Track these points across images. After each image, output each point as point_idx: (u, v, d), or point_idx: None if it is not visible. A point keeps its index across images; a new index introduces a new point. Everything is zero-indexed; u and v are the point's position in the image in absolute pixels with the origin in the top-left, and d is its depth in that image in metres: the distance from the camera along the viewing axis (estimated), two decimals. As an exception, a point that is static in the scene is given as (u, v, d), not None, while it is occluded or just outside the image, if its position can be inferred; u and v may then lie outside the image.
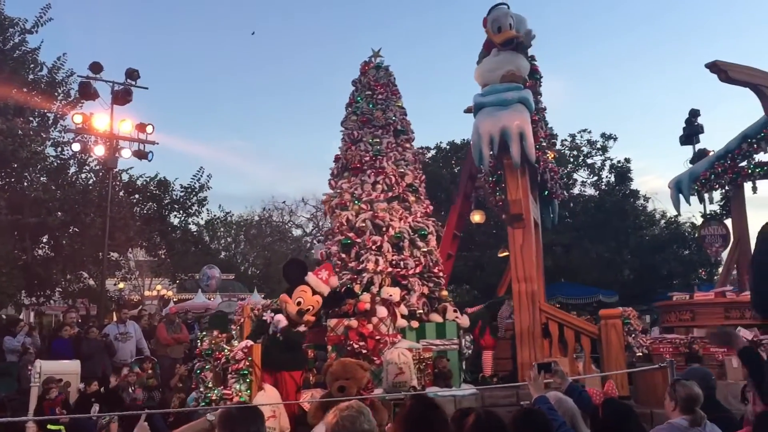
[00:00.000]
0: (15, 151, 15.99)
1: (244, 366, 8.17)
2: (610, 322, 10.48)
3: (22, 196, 16.77)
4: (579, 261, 24.12)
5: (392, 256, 9.36)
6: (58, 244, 17.92)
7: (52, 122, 18.50)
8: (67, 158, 18.61)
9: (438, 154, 27.41)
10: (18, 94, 16.84)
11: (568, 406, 4.18)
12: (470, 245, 24.27)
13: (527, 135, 9.70)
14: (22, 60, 17.68)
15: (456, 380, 9.19)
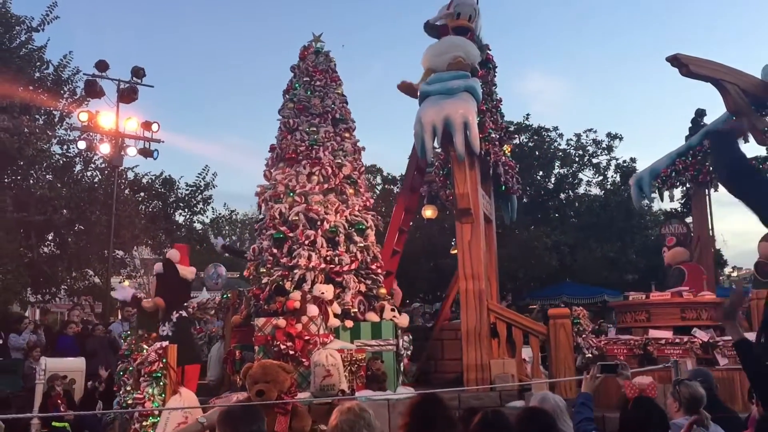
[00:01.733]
0: (21, 148, 16.10)
1: (158, 368, 7.62)
2: (559, 322, 10.03)
3: (28, 193, 16.89)
4: (584, 261, 23.87)
5: (326, 252, 8.82)
6: (63, 241, 17.86)
7: (58, 120, 18.44)
8: (72, 156, 18.67)
9: None
10: (24, 92, 16.79)
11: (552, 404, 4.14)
12: None
13: (471, 125, 9.22)
14: (29, 58, 17.75)
15: (392, 383, 8.69)
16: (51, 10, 17.74)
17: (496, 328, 10.50)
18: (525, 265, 23.03)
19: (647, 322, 11.82)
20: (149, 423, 7.46)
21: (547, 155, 26.75)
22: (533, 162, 26.58)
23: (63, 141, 18.47)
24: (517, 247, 22.84)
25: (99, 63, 16.30)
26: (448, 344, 11.91)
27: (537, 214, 26.44)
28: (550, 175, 27.41)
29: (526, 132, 27.32)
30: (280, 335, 8.18)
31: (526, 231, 24.00)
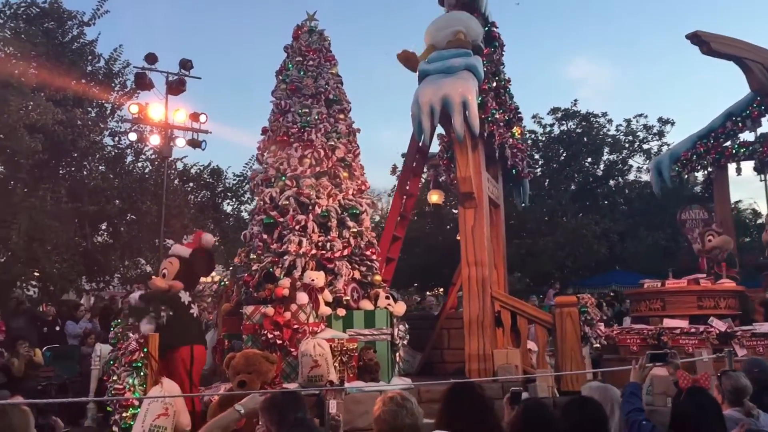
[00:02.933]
0: (74, 140, 16.56)
1: (138, 358, 7.37)
2: (566, 311, 9.58)
3: (81, 184, 17.35)
4: (634, 249, 23.44)
5: (318, 237, 8.48)
6: (116, 231, 18.34)
7: (110, 112, 18.87)
8: (124, 147, 19.17)
9: None
10: (77, 85, 17.27)
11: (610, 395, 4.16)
12: (521, 232, 23.73)
13: (471, 105, 8.79)
14: (81, 52, 18.17)
15: (385, 373, 8.34)
16: (101, 4, 18.20)
17: (500, 316, 10.14)
18: (573, 253, 22.61)
19: (662, 310, 11.36)
20: (129, 414, 7.22)
21: (595, 141, 26.19)
22: (581, 148, 26.10)
23: (114, 133, 19.05)
24: (565, 234, 22.46)
25: (148, 56, 16.54)
26: (455, 333, 11.53)
27: (585, 201, 25.99)
28: (599, 162, 26.90)
29: (574, 118, 26.75)
30: (267, 324, 7.88)
31: (574, 218, 23.57)
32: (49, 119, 15.57)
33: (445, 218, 25.10)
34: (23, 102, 15.33)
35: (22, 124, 15.18)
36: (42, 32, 17.70)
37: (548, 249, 22.39)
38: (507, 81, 12.00)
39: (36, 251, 15.28)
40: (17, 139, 15.10)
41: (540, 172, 26.48)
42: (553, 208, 24.39)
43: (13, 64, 15.94)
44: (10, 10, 17.82)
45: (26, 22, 17.89)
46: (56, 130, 15.97)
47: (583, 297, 9.86)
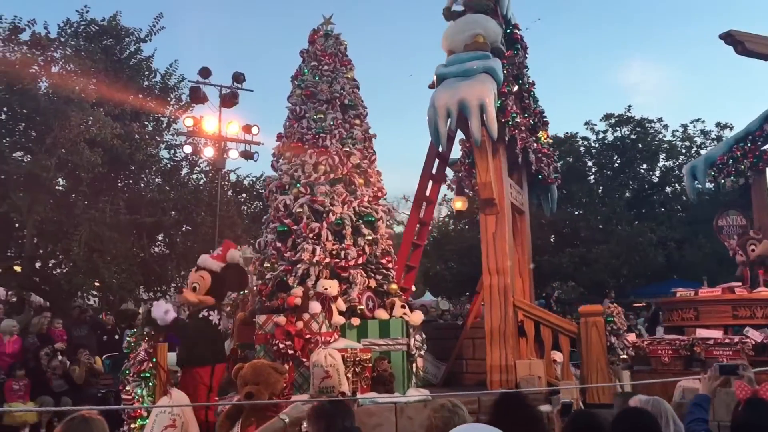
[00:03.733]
0: (132, 154, 17.21)
1: (147, 368, 7.26)
2: (591, 320, 9.26)
3: (139, 196, 18.16)
4: (693, 257, 22.86)
5: (332, 246, 8.30)
6: (172, 241, 18.94)
7: (166, 126, 19.68)
8: (179, 160, 19.87)
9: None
10: (134, 100, 18.00)
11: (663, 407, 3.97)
12: (575, 241, 23.45)
13: (488, 108, 8.54)
14: (138, 68, 18.91)
15: (400, 385, 8.11)
16: (157, 21, 18.92)
17: (524, 326, 9.84)
18: (629, 261, 22.18)
19: (695, 320, 10.90)
20: (137, 426, 7.11)
21: (650, 148, 25.70)
22: (636, 155, 25.64)
23: (170, 146, 19.90)
24: (620, 243, 22.03)
25: (202, 70, 17.19)
26: (480, 343, 11.23)
27: (641, 208, 25.52)
28: (655, 168, 26.42)
29: (628, 124, 26.29)
30: (279, 333, 7.72)
31: (629, 226, 23.12)
32: (108, 133, 16.17)
33: None
34: (83, 117, 15.98)
35: (83, 138, 15.84)
36: (101, 49, 18.39)
37: (603, 257, 22.00)
38: (531, 84, 11.71)
39: (96, 262, 15.86)
40: (78, 153, 15.71)
41: (593, 180, 26.03)
42: (608, 216, 23.97)
43: (74, 80, 16.44)
44: (71, 29, 18.53)
45: (86, 39, 18.58)
46: (115, 144, 16.54)
47: (609, 306, 9.47)
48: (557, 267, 22.88)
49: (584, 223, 23.47)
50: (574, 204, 25.52)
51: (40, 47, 16.94)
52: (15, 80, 15.87)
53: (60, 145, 15.96)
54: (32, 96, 16.14)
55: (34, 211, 15.92)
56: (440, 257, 26.56)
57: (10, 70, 15.95)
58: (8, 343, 11.06)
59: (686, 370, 10.24)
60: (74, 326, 12.97)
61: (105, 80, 17.30)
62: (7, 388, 10.00)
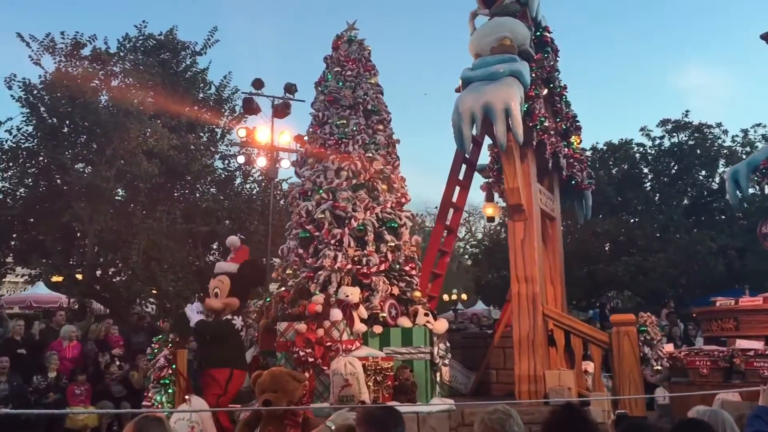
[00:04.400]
0: (188, 164, 17.91)
1: (167, 374, 7.26)
2: (623, 330, 8.94)
3: (194, 206, 18.77)
4: (755, 266, 21.93)
5: (354, 252, 8.20)
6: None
7: (220, 137, 20.55)
8: (233, 170, 20.55)
9: (595, 155, 26.23)
10: (190, 111, 18.74)
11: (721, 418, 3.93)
12: (631, 249, 23.08)
13: (513, 112, 8.34)
14: (193, 80, 19.75)
15: (423, 394, 7.94)
16: (212, 34, 19.65)
17: (553, 335, 9.59)
18: (687, 270, 21.58)
19: (735, 330, 10.48)
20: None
21: (709, 153, 24.99)
22: (694, 161, 24.97)
23: (224, 156, 20.64)
24: (678, 251, 21.53)
25: (255, 81, 17.47)
26: (510, 353, 10.97)
27: (700, 216, 24.89)
28: (714, 175, 25.61)
29: (686, 130, 25.60)
30: (299, 341, 7.64)
31: (687, 234, 22.59)
32: (165, 144, 16.79)
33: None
34: (142, 129, 16.69)
35: (141, 150, 16.49)
36: (158, 63, 19.12)
37: (660, 266, 21.46)
38: (563, 88, 11.46)
39: (154, 270, 16.41)
40: (136, 164, 16.35)
41: (649, 187, 25.50)
42: (665, 224, 23.40)
43: (133, 93, 17.21)
44: (129, 44, 19.45)
45: (144, 54, 19.39)
46: (171, 154, 17.15)
47: (642, 315, 9.16)
48: (612, 276, 22.44)
49: (640, 231, 22.92)
50: (630, 212, 25.01)
51: (101, 62, 17.82)
52: (77, 94, 16.66)
53: (119, 157, 16.69)
54: (93, 109, 16.86)
55: (94, 221, 16.52)
56: (492, 266, 26.33)
57: (72, 84, 16.80)
58: (68, 348, 11.36)
59: (725, 382, 9.84)
60: (133, 333, 13.21)
61: (162, 93, 18.01)
62: (70, 393, 10.32)
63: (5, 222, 17.54)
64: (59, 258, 17.44)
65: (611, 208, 24.72)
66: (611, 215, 24.18)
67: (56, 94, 17.14)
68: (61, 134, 17.76)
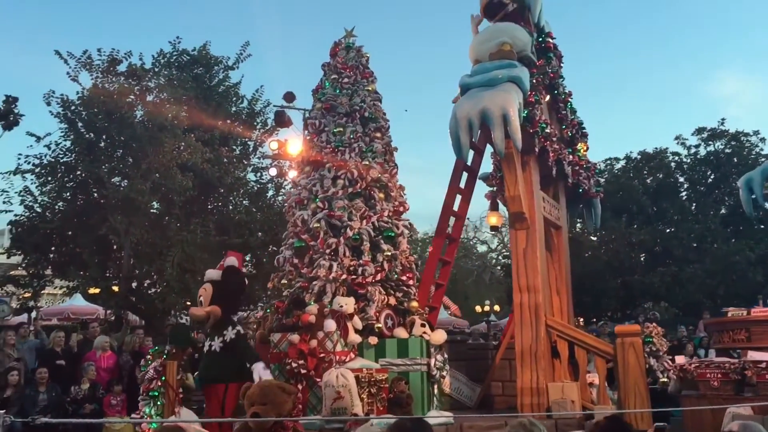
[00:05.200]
0: (221, 177, 18.13)
1: (156, 387, 7.14)
2: (628, 341, 8.67)
3: (227, 218, 18.97)
4: None
5: (350, 262, 8.06)
6: (258, 262, 19.53)
7: (252, 149, 20.72)
8: (265, 182, 20.60)
9: (628, 165, 25.99)
10: (223, 125, 19.14)
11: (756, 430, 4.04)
12: (668, 259, 22.82)
13: (511, 118, 8.17)
14: (226, 94, 20.12)
15: (419, 407, 7.75)
16: (244, 49, 20.07)
17: (557, 347, 9.36)
18: (725, 281, 21.24)
19: (747, 342, 10.17)
20: (145, 445, 7.00)
21: (747, 162, 24.54)
22: (731, 170, 24.58)
23: (257, 169, 20.62)
24: (716, 261, 21.18)
25: (286, 94, 17.48)
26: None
27: (738, 225, 24.50)
28: None
29: (722, 138, 25.28)
30: (292, 352, 7.50)
31: (725, 244, 22.23)
32: (199, 158, 17.06)
33: (583, 246, 24.35)
34: (176, 143, 17.01)
35: (175, 163, 16.75)
36: (192, 78, 19.49)
37: (697, 277, 21.15)
38: (568, 95, 11.27)
39: (188, 282, 16.46)
40: (171, 177, 16.63)
41: (685, 196, 25.17)
42: (702, 234, 23.07)
43: (167, 108, 17.49)
44: (164, 59, 19.83)
45: (178, 69, 19.78)
46: (205, 167, 17.39)
47: (647, 326, 8.90)
48: (648, 287, 22.16)
49: (677, 241, 22.60)
50: (666, 221, 24.68)
51: (136, 78, 18.16)
52: (113, 109, 17.04)
53: (154, 170, 16.93)
54: (129, 124, 17.25)
55: (130, 234, 16.82)
56: None
57: (108, 99, 17.17)
58: (102, 358, 11.44)
59: (737, 395, 9.54)
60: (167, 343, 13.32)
61: (195, 107, 18.30)
62: (106, 403, 10.36)
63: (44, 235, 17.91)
64: (96, 270, 17.71)
65: (646, 217, 24.43)
66: (646, 225, 23.89)
67: (93, 110, 17.57)
68: (98, 149, 18.16)
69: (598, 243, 24.89)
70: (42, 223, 17.76)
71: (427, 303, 9.64)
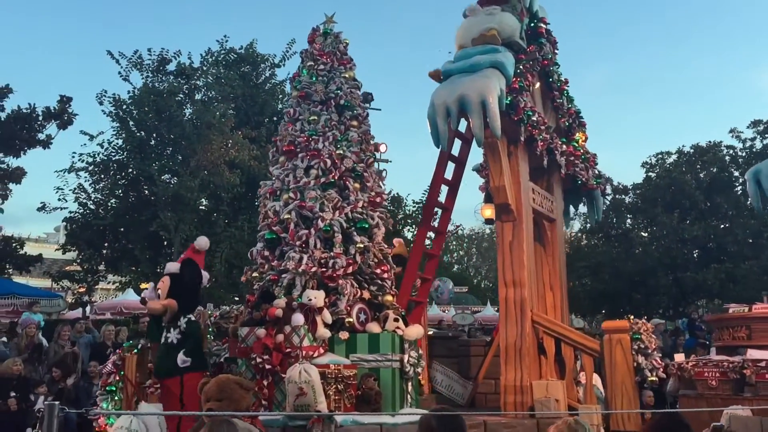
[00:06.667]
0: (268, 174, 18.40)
1: (114, 381, 6.95)
2: (615, 338, 8.33)
3: None
4: None
5: (321, 254, 7.78)
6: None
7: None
8: None
9: (681, 159, 25.49)
10: (269, 122, 19.59)
11: None
12: (721, 256, 22.38)
13: (490, 105, 7.82)
14: (272, 92, 20.69)
15: (389, 404, 7.45)
16: (290, 46, 20.47)
17: (543, 344, 9.00)
18: None
19: (748, 340, 9.72)
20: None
21: None
22: None
23: None
24: None
25: None
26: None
27: None
28: None
29: None
30: (257, 347, 7.26)
31: None
32: (246, 155, 17.49)
33: (633, 242, 23.87)
34: (224, 140, 17.44)
35: (223, 160, 17.28)
36: (239, 76, 19.97)
37: (752, 274, 20.66)
38: (564, 82, 10.87)
39: (236, 277, 16.47)
40: (219, 174, 17.17)
41: (740, 191, 24.59)
42: (757, 230, 22.60)
43: (215, 106, 18.05)
44: (212, 58, 20.36)
45: (226, 67, 20.32)
46: (252, 165, 17.74)
47: (636, 322, 8.51)
48: (701, 284, 21.73)
49: (731, 237, 22.10)
50: (719, 217, 24.12)
51: (185, 76, 18.79)
52: (163, 108, 17.59)
53: (203, 168, 17.44)
54: (178, 122, 17.76)
55: (180, 230, 17.30)
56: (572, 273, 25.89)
57: (158, 98, 17.74)
58: None
59: (735, 395, 9.11)
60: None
61: (242, 105, 18.92)
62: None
63: (98, 231, 18.61)
64: (147, 266, 18.21)
65: (699, 213, 23.92)
66: (699, 221, 23.39)
67: (144, 108, 18.02)
68: (149, 147, 18.71)
69: (649, 239, 24.44)
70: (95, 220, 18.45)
71: (411, 297, 9.37)
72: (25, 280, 23.57)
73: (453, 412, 3.96)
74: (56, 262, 26.65)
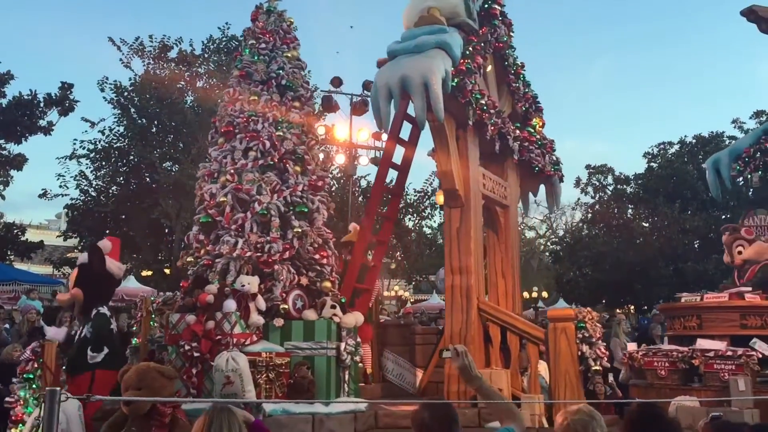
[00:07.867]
0: None
1: (32, 369, 6.67)
2: (560, 326, 8.15)
3: None
4: None
5: (257, 239, 7.53)
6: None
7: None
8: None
9: (683, 149, 25.31)
10: None
11: None
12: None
13: (433, 86, 7.59)
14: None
15: (324, 394, 7.25)
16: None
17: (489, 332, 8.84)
18: None
19: (698, 329, 9.63)
20: (18, 430, 6.54)
21: None
22: None
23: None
24: None
25: (333, 80, 17.76)
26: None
27: None
28: None
29: None
30: (186, 334, 7.01)
31: None
32: None
33: (634, 232, 23.79)
34: None
35: None
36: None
37: None
38: (519, 66, 10.67)
39: None
40: None
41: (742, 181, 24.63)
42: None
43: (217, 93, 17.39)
44: (213, 45, 20.09)
45: (227, 54, 19.79)
46: None
47: (581, 311, 8.36)
48: (702, 274, 21.70)
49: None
50: (721, 207, 24.06)
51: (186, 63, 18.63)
52: (164, 95, 17.50)
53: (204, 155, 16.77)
54: (179, 109, 17.70)
55: (181, 217, 17.14)
56: (574, 263, 25.75)
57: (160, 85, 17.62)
58: None
59: (684, 385, 9.01)
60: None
61: None
62: None
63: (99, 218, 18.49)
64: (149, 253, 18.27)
65: (701, 203, 23.88)
66: (701, 211, 23.34)
67: (145, 96, 17.95)
68: (150, 134, 18.63)
69: (650, 229, 24.43)
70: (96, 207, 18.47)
71: (356, 284, 9.14)
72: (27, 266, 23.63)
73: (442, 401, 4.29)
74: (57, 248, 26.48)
